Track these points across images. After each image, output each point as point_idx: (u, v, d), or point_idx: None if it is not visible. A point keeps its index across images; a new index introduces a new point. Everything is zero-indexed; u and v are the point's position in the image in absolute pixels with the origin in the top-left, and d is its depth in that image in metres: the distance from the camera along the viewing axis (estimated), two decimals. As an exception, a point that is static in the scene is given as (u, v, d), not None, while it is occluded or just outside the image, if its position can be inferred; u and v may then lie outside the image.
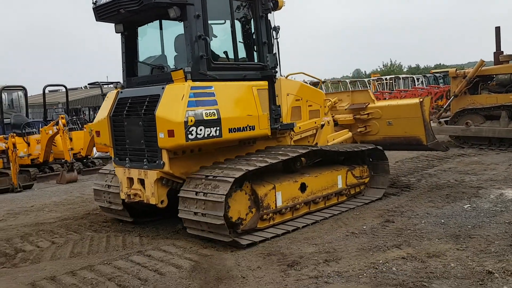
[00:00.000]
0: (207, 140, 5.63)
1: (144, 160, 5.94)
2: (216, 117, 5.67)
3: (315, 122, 7.80)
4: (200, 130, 5.50)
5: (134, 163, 6.12)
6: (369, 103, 8.66)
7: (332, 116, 9.01)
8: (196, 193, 5.52)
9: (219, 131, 5.70)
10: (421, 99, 7.99)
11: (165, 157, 5.68)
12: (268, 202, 6.00)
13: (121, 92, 6.38)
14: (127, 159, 6.20)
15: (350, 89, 32.91)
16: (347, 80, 35.11)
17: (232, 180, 5.32)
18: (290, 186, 6.33)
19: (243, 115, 6.02)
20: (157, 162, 5.78)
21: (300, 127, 7.51)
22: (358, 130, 8.82)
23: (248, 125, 6.06)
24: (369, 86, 33.74)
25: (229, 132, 5.82)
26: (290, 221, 6.34)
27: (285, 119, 7.22)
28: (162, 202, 5.89)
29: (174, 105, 5.47)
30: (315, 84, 13.15)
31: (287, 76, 7.73)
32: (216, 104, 5.72)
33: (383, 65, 66.14)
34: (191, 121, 5.42)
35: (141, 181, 6.01)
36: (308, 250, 5.26)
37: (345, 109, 8.98)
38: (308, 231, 6.03)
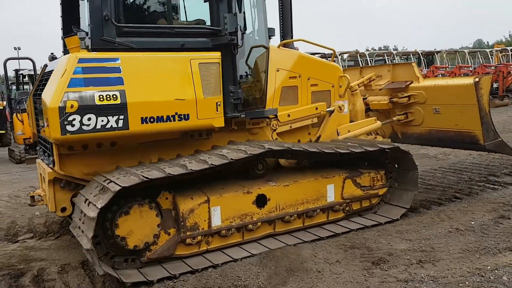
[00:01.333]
0: (104, 134, 4.10)
1: (46, 153, 4.67)
2: (118, 101, 4.10)
3: (317, 108, 5.78)
4: (89, 119, 3.99)
5: (44, 156, 4.88)
6: (411, 82, 6.32)
7: (364, 99, 6.85)
8: (86, 200, 4.09)
9: (123, 121, 4.13)
10: (477, 79, 5.48)
11: (55, 152, 4.32)
12: (195, 221, 4.35)
13: (47, 65, 5.12)
14: (40, 149, 4.98)
15: (470, 63, 28.24)
16: (465, 51, 30.39)
17: (115, 190, 3.77)
18: (237, 198, 4.59)
19: (169, 100, 4.35)
20: (51, 158, 4.46)
21: (289, 115, 5.59)
22: (395, 118, 6.55)
23: (177, 113, 4.39)
24: (492, 58, 28.82)
25: (142, 123, 4.22)
26: (238, 246, 4.63)
27: (270, 103, 5.39)
28: (63, 210, 4.55)
29: (54, 84, 4.03)
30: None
31: (281, 44, 5.78)
32: (122, 84, 4.14)
33: (510, 34, 57.47)
34: (71, 106, 3.93)
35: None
36: (400, 246, 4.58)
37: (380, 89, 6.74)
38: (403, 223, 5.26)
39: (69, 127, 3.94)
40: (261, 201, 4.72)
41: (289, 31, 6.10)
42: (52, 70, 4.36)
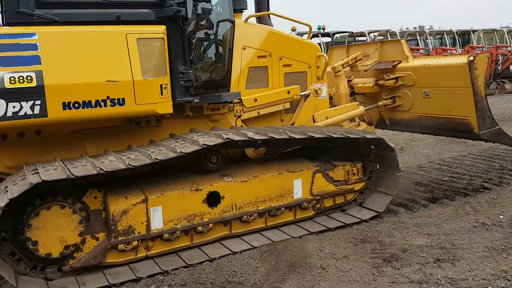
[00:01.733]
0: (16, 122, 3.48)
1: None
2: (34, 83, 3.47)
3: (289, 92, 5.08)
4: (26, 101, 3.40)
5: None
6: (399, 62, 5.58)
7: (349, 81, 6.14)
8: (5, 188, 3.49)
9: (41, 107, 3.50)
10: (471, 57, 4.73)
11: (-36, 141, 3.73)
12: (129, 224, 3.74)
13: None
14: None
15: (509, 42, 26.43)
16: (504, 30, 28.46)
17: (29, 183, 3.16)
18: (183, 197, 3.96)
19: (98, 81, 3.69)
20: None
21: (256, 99, 4.91)
22: (381, 103, 5.83)
23: (109, 97, 3.74)
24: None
25: (64, 109, 3.58)
26: (188, 250, 4.03)
27: (236, 86, 4.73)
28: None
29: (-44, 64, 3.41)
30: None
31: (248, 18, 5.07)
32: (39, 63, 3.50)
33: None
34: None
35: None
36: (417, 241, 4.16)
37: (365, 71, 6.01)
38: (423, 215, 4.80)
39: (-32, 114, 3.33)
40: (213, 199, 4.09)
41: (265, 3, 5.41)
42: None
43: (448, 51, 17.54)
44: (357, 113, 5.56)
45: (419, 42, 23.48)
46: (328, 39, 21.74)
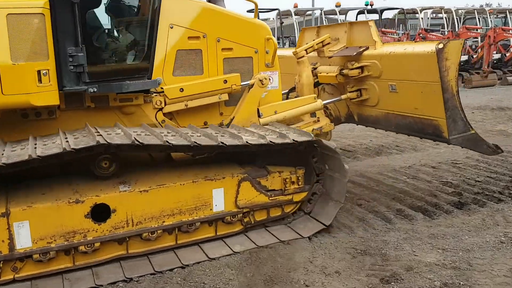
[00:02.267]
0: None
1: None
2: None
3: (226, 81, 4.26)
4: None
5: None
6: (366, 48, 4.65)
7: (314, 69, 5.26)
8: None
9: None
10: (441, 45, 3.78)
11: None
12: (-16, 242, 3.06)
13: None
14: None
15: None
16: None
17: None
18: (59, 210, 3.24)
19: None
20: None
21: (182, 89, 4.11)
22: (345, 96, 4.94)
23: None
24: None
25: None
26: (65, 273, 3.33)
27: (159, 72, 3.96)
28: None
29: None
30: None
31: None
32: None
33: None
34: None
35: None
36: (427, 257, 3.53)
37: (329, 57, 5.11)
38: (443, 223, 4.16)
39: None
40: (101, 212, 3.36)
41: None
42: None
43: (510, 31, 15.60)
44: (313, 108, 4.69)
45: (478, 21, 21.00)
46: (376, 16, 20.21)
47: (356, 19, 21.18)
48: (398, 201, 4.77)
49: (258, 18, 4.73)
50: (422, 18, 22.22)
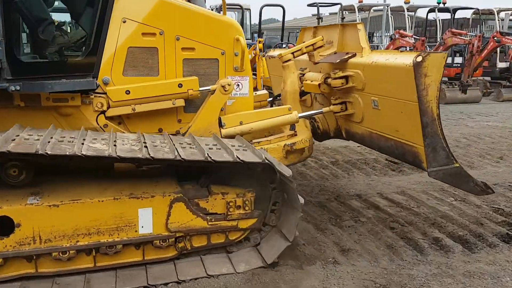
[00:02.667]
0: None
1: None
2: None
3: (181, 85, 3.80)
4: None
5: None
6: (353, 55, 3.98)
7: (302, 75, 4.67)
8: None
9: None
10: (420, 57, 3.06)
11: None
12: None
13: None
14: None
15: None
16: None
17: None
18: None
19: None
20: None
21: (128, 91, 3.71)
22: (326, 109, 4.29)
23: None
24: None
25: None
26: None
27: (107, 71, 3.60)
28: None
29: None
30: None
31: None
32: None
33: None
34: None
35: None
36: None
37: (315, 63, 4.49)
38: (483, 259, 3.66)
39: None
40: (3, 226, 3.04)
41: None
42: None
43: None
44: (286, 120, 4.10)
45: None
46: (448, 16, 19.03)
47: (426, 18, 19.83)
48: (438, 227, 4.23)
49: (242, 17, 4.19)
50: (499, 20, 20.42)
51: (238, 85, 4.03)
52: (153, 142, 3.36)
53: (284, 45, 13.45)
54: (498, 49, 14.23)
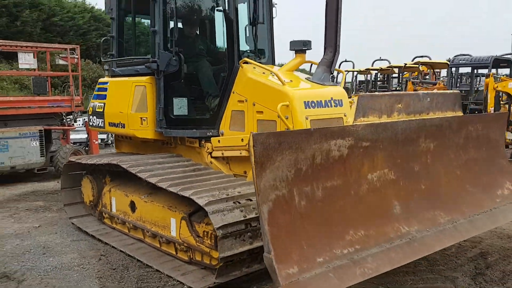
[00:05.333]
0: (97, 129, 6.57)
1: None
2: (101, 110, 6.41)
3: (242, 140, 4.87)
4: (95, 119, 6.61)
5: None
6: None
7: None
8: None
9: (103, 122, 6.40)
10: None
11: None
12: (103, 200, 6.03)
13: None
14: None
15: None
16: None
17: None
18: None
19: (116, 112, 6.07)
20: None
21: (219, 141, 5.23)
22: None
23: (120, 122, 6.03)
24: None
25: (109, 126, 6.26)
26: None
27: (224, 126, 5.46)
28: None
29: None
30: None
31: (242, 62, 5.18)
32: (105, 98, 6.38)
33: None
34: (90, 111, 6.69)
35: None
36: None
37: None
38: None
39: (90, 123, 6.78)
40: (133, 206, 5.43)
41: (331, 43, 5.07)
42: None
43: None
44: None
45: None
46: None
47: None
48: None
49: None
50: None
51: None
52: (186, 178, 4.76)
53: None
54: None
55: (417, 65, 13.29)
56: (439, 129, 4.37)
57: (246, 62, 5.14)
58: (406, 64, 13.86)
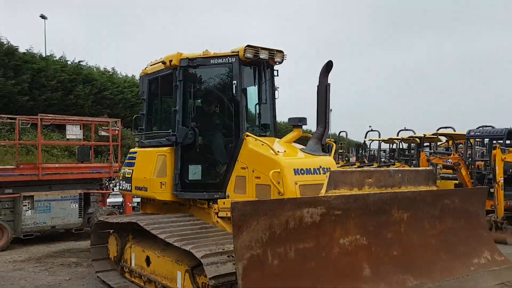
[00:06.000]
0: (125, 192, 7.49)
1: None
2: (130, 176, 7.37)
3: (240, 202, 5.60)
4: (124, 183, 7.56)
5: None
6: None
7: None
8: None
9: (130, 186, 7.33)
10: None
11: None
12: (125, 255, 6.80)
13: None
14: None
15: None
16: None
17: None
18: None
19: (141, 177, 6.99)
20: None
21: (224, 203, 5.97)
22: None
23: (144, 186, 6.93)
24: None
25: (135, 189, 7.18)
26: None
27: (229, 189, 6.25)
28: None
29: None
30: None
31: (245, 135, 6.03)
32: (133, 166, 7.34)
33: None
34: (121, 176, 7.67)
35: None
36: None
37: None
38: None
39: (120, 186, 7.73)
40: (148, 260, 6.16)
41: (321, 121, 5.92)
42: None
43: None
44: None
45: None
46: None
47: None
48: None
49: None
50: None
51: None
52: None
53: None
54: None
55: (436, 136, 13.74)
56: (412, 201, 4.86)
57: (248, 135, 5.97)
58: (425, 135, 14.37)
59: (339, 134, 25.73)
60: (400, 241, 4.70)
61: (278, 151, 5.53)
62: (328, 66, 5.73)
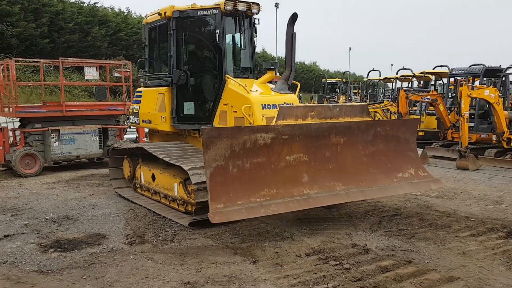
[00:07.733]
0: (133, 125, 9.06)
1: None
2: (137, 111, 8.88)
3: (224, 129, 7.09)
4: (133, 118, 9.11)
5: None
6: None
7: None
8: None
9: (138, 120, 8.87)
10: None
11: (148, 131, 9.65)
12: (136, 175, 8.47)
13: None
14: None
15: None
16: None
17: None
18: (146, 171, 8.05)
19: (146, 112, 8.50)
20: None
21: (210, 131, 7.45)
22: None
23: (148, 119, 8.46)
24: None
25: (142, 122, 8.72)
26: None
27: (215, 122, 7.71)
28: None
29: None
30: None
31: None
32: (140, 103, 8.84)
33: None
34: (131, 111, 9.20)
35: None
36: None
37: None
38: None
39: (129, 120, 9.29)
40: (153, 177, 7.79)
41: (288, 64, 7.25)
42: None
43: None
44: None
45: None
46: None
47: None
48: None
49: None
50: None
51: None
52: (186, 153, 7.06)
53: None
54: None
55: (423, 75, 14.75)
56: (348, 128, 6.18)
57: (228, 77, 7.34)
58: (414, 74, 15.40)
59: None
60: (336, 158, 6.10)
61: (250, 90, 6.91)
62: (293, 18, 6.92)
